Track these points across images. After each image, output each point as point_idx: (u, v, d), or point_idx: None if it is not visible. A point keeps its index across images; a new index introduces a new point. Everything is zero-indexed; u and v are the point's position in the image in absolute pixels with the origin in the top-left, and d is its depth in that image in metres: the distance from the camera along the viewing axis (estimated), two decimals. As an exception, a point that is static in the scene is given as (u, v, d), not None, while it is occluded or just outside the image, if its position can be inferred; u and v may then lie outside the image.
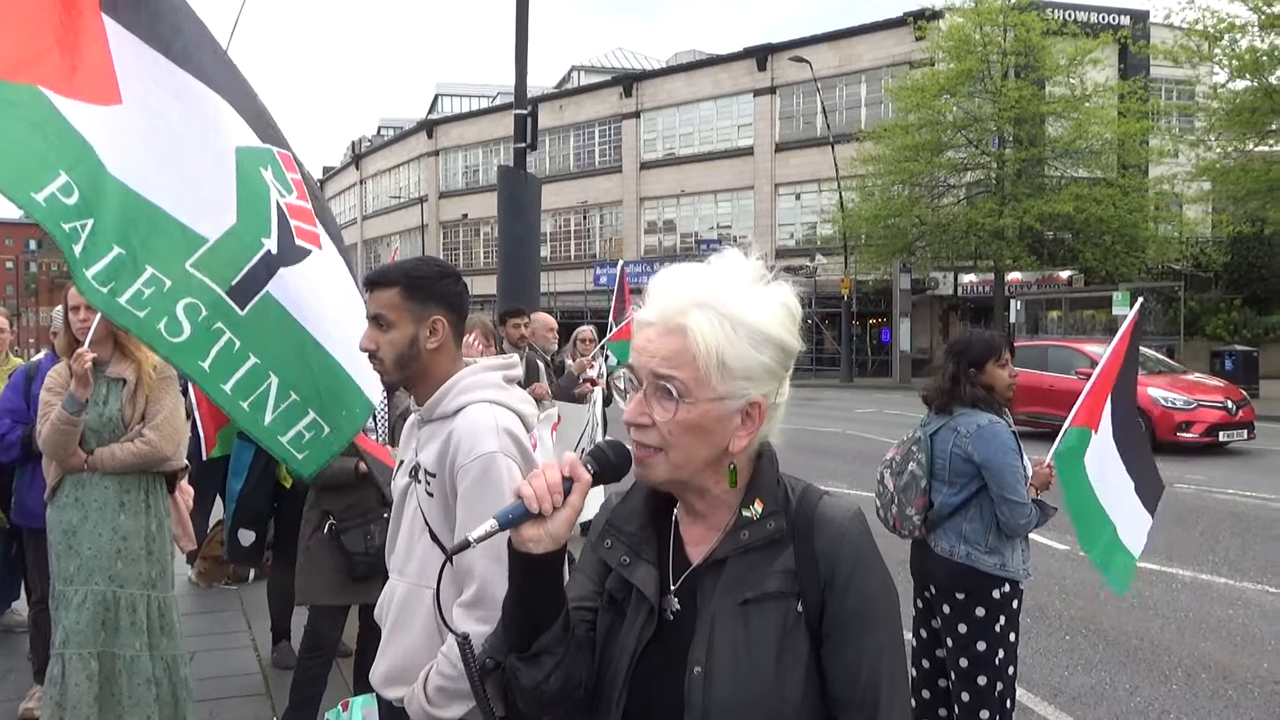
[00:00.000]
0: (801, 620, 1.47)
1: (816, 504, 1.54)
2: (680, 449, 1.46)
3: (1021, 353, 17.12)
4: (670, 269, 1.52)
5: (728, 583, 1.49)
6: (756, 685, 1.44)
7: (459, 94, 70.28)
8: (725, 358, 1.43)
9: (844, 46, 39.58)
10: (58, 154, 2.90)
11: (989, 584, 3.81)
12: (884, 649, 1.47)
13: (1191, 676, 5.76)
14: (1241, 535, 9.28)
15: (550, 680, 1.47)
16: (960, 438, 3.84)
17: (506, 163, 11.00)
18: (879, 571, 1.51)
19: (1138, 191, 30.53)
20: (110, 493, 4.02)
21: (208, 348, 3.12)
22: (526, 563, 1.42)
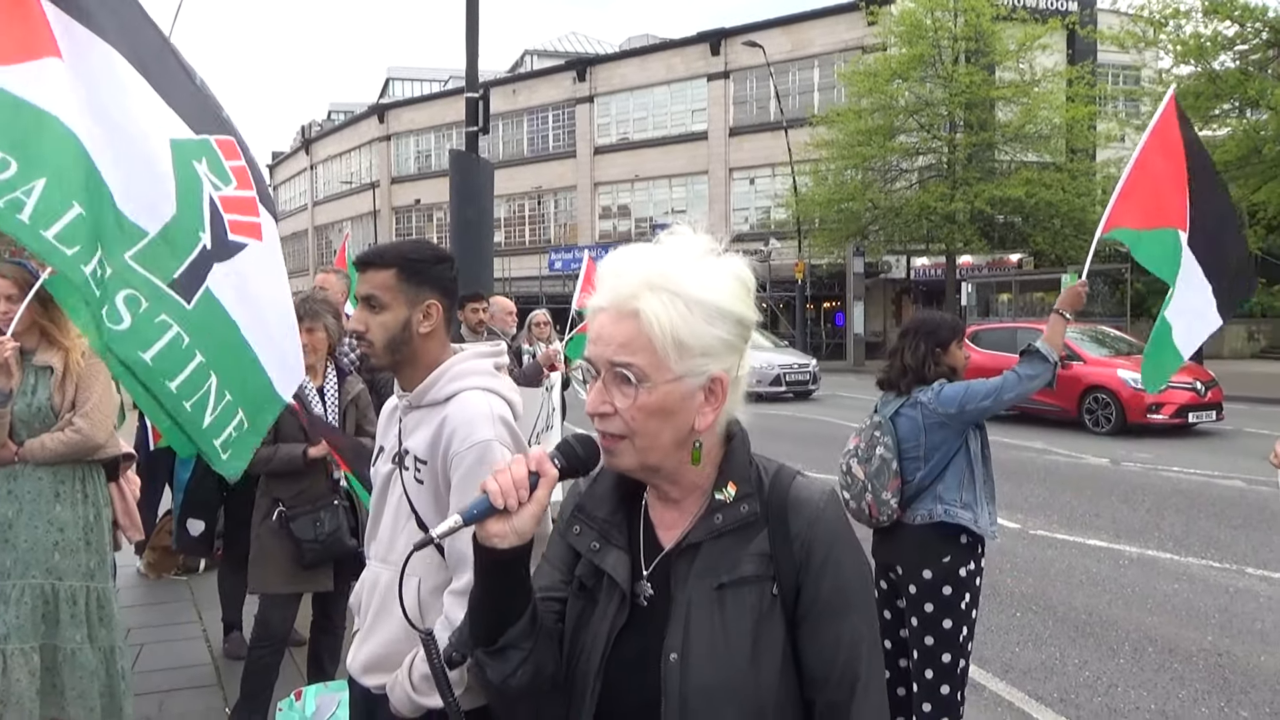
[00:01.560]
0: (777, 603, 1.46)
1: (790, 485, 1.52)
2: (645, 434, 1.44)
3: (989, 335, 17.34)
4: (618, 251, 1.49)
5: (702, 567, 1.47)
6: (734, 670, 1.43)
7: (410, 78, 69.57)
8: (681, 337, 1.41)
9: (797, 31, 39.67)
10: None
11: (958, 559, 3.85)
12: (860, 629, 1.47)
13: (1138, 650, 5.88)
14: (1186, 511, 9.47)
15: (518, 674, 1.46)
16: (927, 408, 3.88)
17: (459, 147, 10.89)
18: (854, 553, 1.51)
19: (1086, 176, 30.98)
20: (44, 484, 3.91)
21: (151, 339, 3.02)
22: (491, 558, 1.40)
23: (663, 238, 1.51)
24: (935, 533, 3.87)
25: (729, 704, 1.42)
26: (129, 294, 2.96)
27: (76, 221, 2.83)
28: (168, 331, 3.04)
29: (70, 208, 2.83)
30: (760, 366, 21.33)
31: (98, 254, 2.89)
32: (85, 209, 2.86)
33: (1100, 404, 15.17)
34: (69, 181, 2.85)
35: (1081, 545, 8.31)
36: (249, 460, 3.41)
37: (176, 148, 3.15)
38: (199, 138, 3.23)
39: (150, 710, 4.77)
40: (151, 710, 4.77)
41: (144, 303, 3.00)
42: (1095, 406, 15.23)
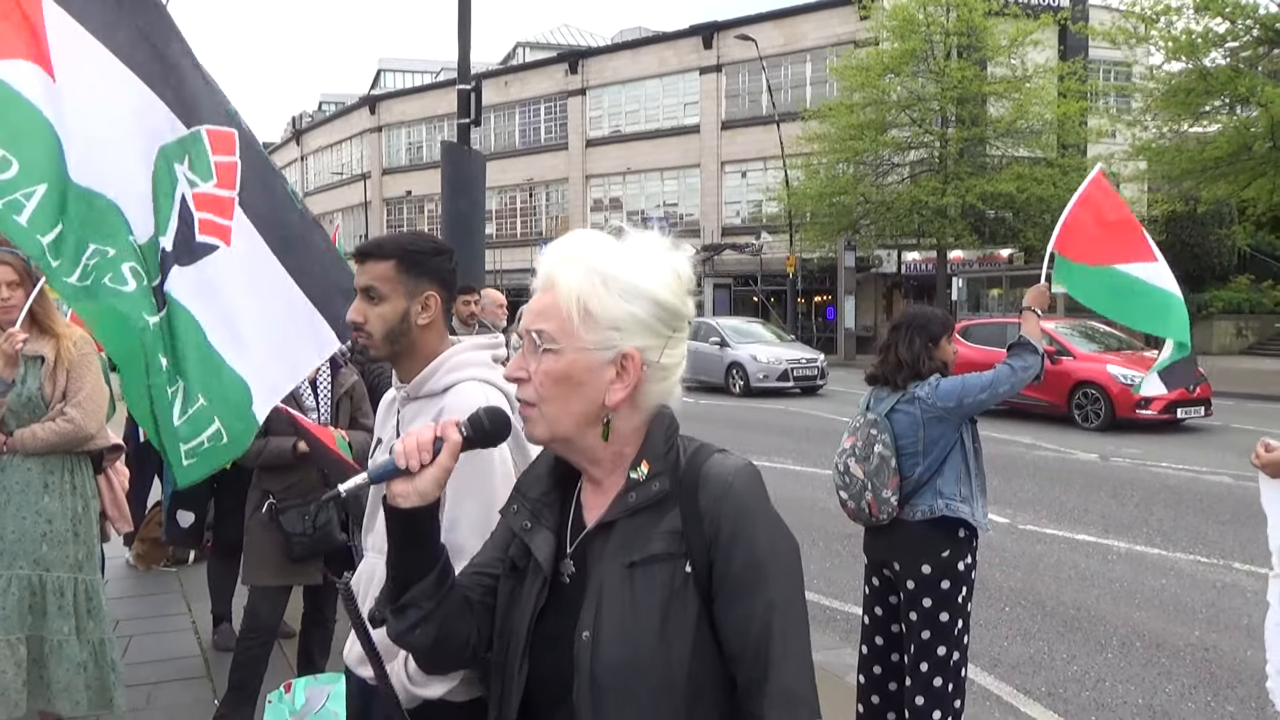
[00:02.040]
0: (690, 580, 1.47)
1: (704, 462, 1.52)
2: (553, 401, 1.49)
3: (979, 330, 17.36)
4: (563, 236, 1.57)
5: (615, 546, 1.50)
6: (643, 648, 1.44)
7: (402, 69, 69.38)
8: (589, 305, 1.46)
9: (789, 25, 39.64)
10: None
11: (956, 553, 3.87)
12: (775, 604, 1.45)
13: (1126, 645, 5.90)
14: (1174, 507, 9.51)
15: (415, 633, 1.54)
16: (925, 403, 3.87)
17: (450, 139, 10.86)
18: (767, 525, 1.50)
19: (1077, 171, 30.97)
20: (33, 475, 3.89)
21: (154, 308, 3.03)
22: (396, 516, 1.49)
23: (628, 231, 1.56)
24: (933, 528, 3.87)
25: (639, 680, 1.44)
26: (133, 266, 2.98)
27: (58, 237, 2.86)
28: (162, 309, 3.05)
29: (56, 225, 2.86)
30: (768, 361, 21.35)
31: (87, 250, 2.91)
32: (65, 225, 2.88)
33: (1089, 399, 15.22)
34: (61, 193, 2.86)
35: (1070, 540, 8.35)
36: (207, 474, 3.31)
37: (161, 154, 3.12)
38: (190, 131, 3.18)
39: (139, 701, 4.76)
40: (140, 701, 4.76)
41: (144, 278, 3.01)
42: (1085, 402, 15.28)
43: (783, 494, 10.39)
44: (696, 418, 17.54)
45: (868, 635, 4.17)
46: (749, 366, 21.42)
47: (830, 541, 8.35)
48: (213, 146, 3.22)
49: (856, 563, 7.39)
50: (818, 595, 6.95)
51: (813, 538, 8.55)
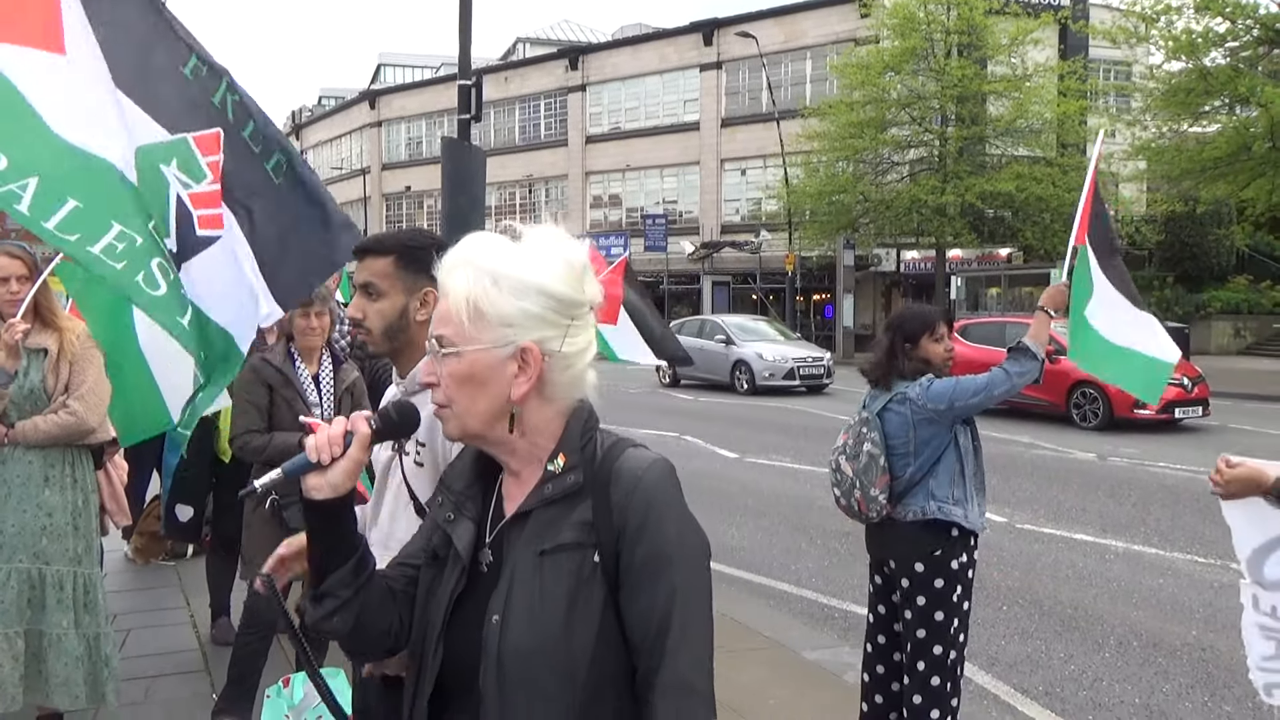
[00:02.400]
0: (598, 571, 1.50)
1: (619, 457, 1.56)
2: (461, 401, 1.54)
3: (978, 329, 17.31)
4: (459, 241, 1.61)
5: (529, 535, 1.54)
6: (546, 633, 1.48)
7: (402, 64, 69.25)
8: (480, 305, 1.50)
9: (789, 22, 39.62)
10: None
11: (950, 551, 3.86)
12: (676, 593, 1.48)
13: (1123, 644, 5.91)
14: (1172, 507, 9.53)
15: (333, 620, 1.59)
16: (916, 404, 3.86)
17: (450, 134, 10.86)
18: (675, 518, 1.53)
19: (1076, 170, 31.02)
20: (34, 468, 3.88)
21: (185, 307, 3.06)
22: (311, 508, 1.55)
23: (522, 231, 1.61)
24: (925, 528, 3.86)
25: (542, 665, 1.48)
26: (160, 263, 2.99)
27: (73, 214, 2.85)
28: (189, 309, 3.09)
29: (65, 202, 2.84)
30: (774, 359, 21.24)
31: (113, 229, 2.89)
32: (82, 201, 2.86)
33: (1088, 399, 15.22)
34: (61, 177, 2.85)
35: (1068, 540, 8.36)
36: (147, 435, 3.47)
37: (142, 154, 3.14)
38: (175, 137, 3.22)
39: (137, 695, 4.76)
40: (138, 695, 4.76)
41: (171, 273, 3.03)
42: (1083, 401, 15.29)
43: (780, 492, 10.41)
44: (695, 415, 17.56)
45: (871, 633, 4.17)
46: (755, 365, 21.30)
47: (828, 539, 8.36)
48: (201, 149, 3.25)
49: (854, 561, 7.42)
50: (815, 593, 6.96)
51: (810, 536, 8.56)
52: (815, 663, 5.39)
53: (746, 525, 9.05)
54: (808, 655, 5.50)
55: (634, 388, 21.32)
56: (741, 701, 4.85)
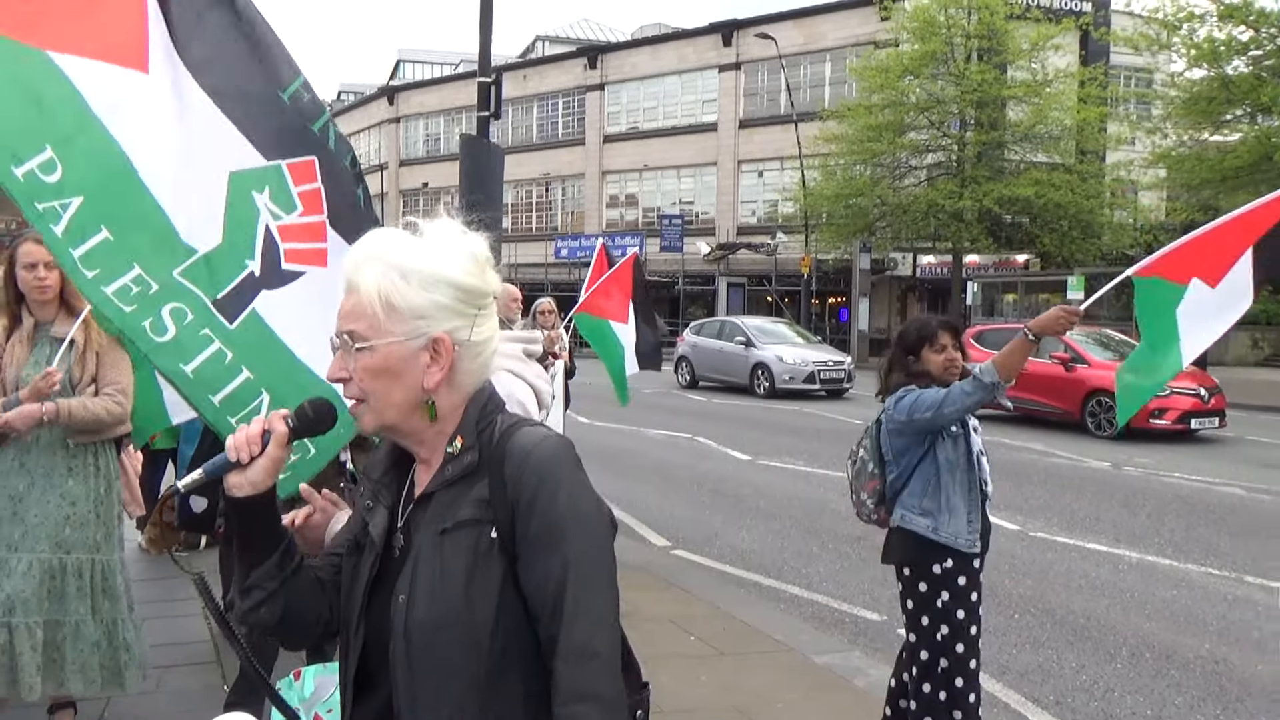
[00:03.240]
0: (496, 545, 1.54)
1: (514, 435, 1.60)
2: (376, 394, 1.58)
3: (993, 335, 17.18)
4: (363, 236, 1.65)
5: (431, 516, 1.59)
6: (448, 607, 1.53)
7: (421, 60, 69.38)
8: (391, 299, 1.54)
9: (809, 25, 39.56)
10: (49, 125, 2.75)
11: (929, 555, 3.87)
12: (570, 562, 1.51)
13: (1136, 655, 5.88)
14: (1186, 518, 9.46)
15: (260, 611, 1.67)
16: (887, 414, 3.98)
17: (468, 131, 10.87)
18: (567, 489, 1.55)
19: (1095, 178, 30.93)
20: (58, 458, 3.91)
21: (193, 353, 3.00)
22: (234, 506, 1.62)
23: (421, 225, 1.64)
24: (905, 534, 3.96)
25: (446, 639, 1.53)
26: (175, 307, 2.95)
27: (102, 246, 2.83)
28: (210, 346, 3.01)
29: (98, 232, 2.82)
30: (794, 363, 21.12)
31: (130, 273, 2.87)
32: (114, 235, 2.85)
33: (1103, 407, 15.11)
34: (104, 205, 2.83)
35: (1081, 549, 8.31)
36: (296, 488, 3.34)
37: (235, 179, 3.10)
38: (269, 164, 3.15)
39: (148, 685, 4.77)
40: (149, 685, 4.77)
41: (189, 315, 2.98)
42: (1098, 410, 15.18)
43: (792, 495, 10.39)
44: (708, 416, 17.54)
45: (905, 638, 4.17)
46: (775, 368, 21.17)
47: (840, 544, 8.34)
48: (294, 179, 3.17)
49: (866, 565, 7.40)
50: (826, 597, 6.94)
51: (822, 540, 8.54)
52: (825, 667, 5.38)
53: (758, 528, 9.03)
54: (818, 659, 5.48)
55: (648, 388, 21.31)
56: (750, 704, 4.85)
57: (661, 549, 8.24)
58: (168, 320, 2.95)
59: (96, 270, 2.83)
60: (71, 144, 2.78)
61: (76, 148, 2.79)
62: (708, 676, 5.21)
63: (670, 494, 10.57)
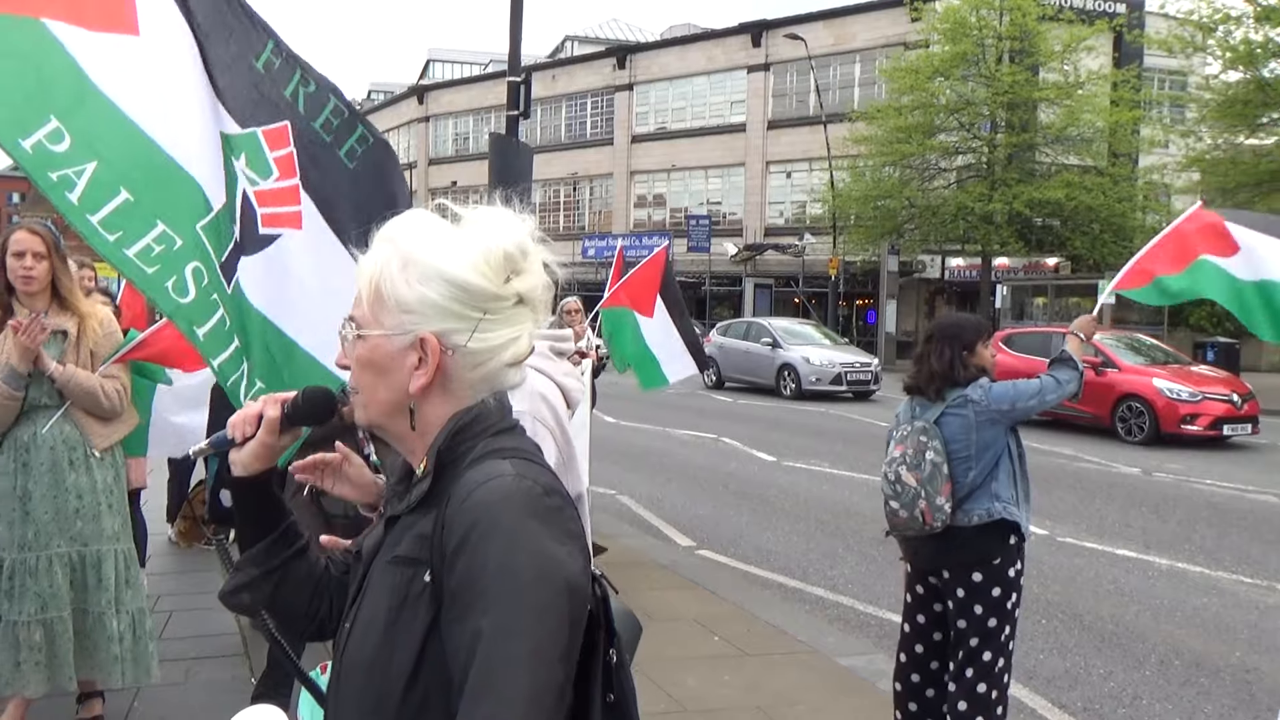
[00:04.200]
0: (427, 592, 1.34)
1: (475, 467, 1.39)
2: (365, 388, 1.46)
3: (1022, 339, 17.10)
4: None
5: (389, 542, 1.45)
6: (369, 650, 1.38)
7: (451, 60, 69.67)
8: (380, 287, 1.41)
9: (839, 25, 39.40)
10: (50, 96, 2.76)
11: (1009, 556, 3.88)
12: (481, 633, 1.26)
13: (1165, 663, 5.82)
14: (1218, 525, 9.36)
15: (241, 596, 1.60)
16: (979, 405, 3.87)
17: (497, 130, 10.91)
18: (503, 542, 1.29)
19: (1128, 181, 30.62)
20: (57, 453, 3.92)
21: (207, 316, 3.00)
22: (231, 483, 1.58)
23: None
24: (985, 533, 3.86)
25: (360, 682, 1.39)
26: (196, 267, 2.95)
27: (123, 207, 2.83)
28: (216, 312, 3.03)
29: (118, 194, 2.82)
30: (820, 364, 21.05)
31: (154, 230, 2.88)
32: (135, 195, 2.85)
33: (1134, 413, 14.98)
34: (119, 167, 2.84)
35: (1110, 555, 8.24)
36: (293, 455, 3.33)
37: (225, 140, 3.15)
38: (245, 131, 3.19)
39: (177, 676, 4.83)
40: (178, 676, 4.84)
41: (205, 277, 2.99)
42: (1128, 415, 15.04)
43: (817, 496, 10.36)
44: (734, 417, 17.52)
45: (907, 643, 4.14)
46: (801, 369, 21.10)
47: (865, 547, 8.30)
48: (269, 144, 3.21)
49: (891, 568, 7.36)
50: (851, 599, 6.92)
51: (847, 543, 8.51)
52: (849, 669, 5.36)
53: (782, 529, 9.01)
54: (842, 661, 5.47)
55: (674, 388, 21.30)
56: (773, 706, 4.84)
57: (686, 549, 8.24)
58: (189, 281, 2.93)
59: (119, 233, 2.81)
60: (75, 112, 2.78)
61: (81, 115, 2.79)
62: (731, 677, 5.20)
63: (695, 494, 10.56)
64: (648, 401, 19.19)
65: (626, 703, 1.47)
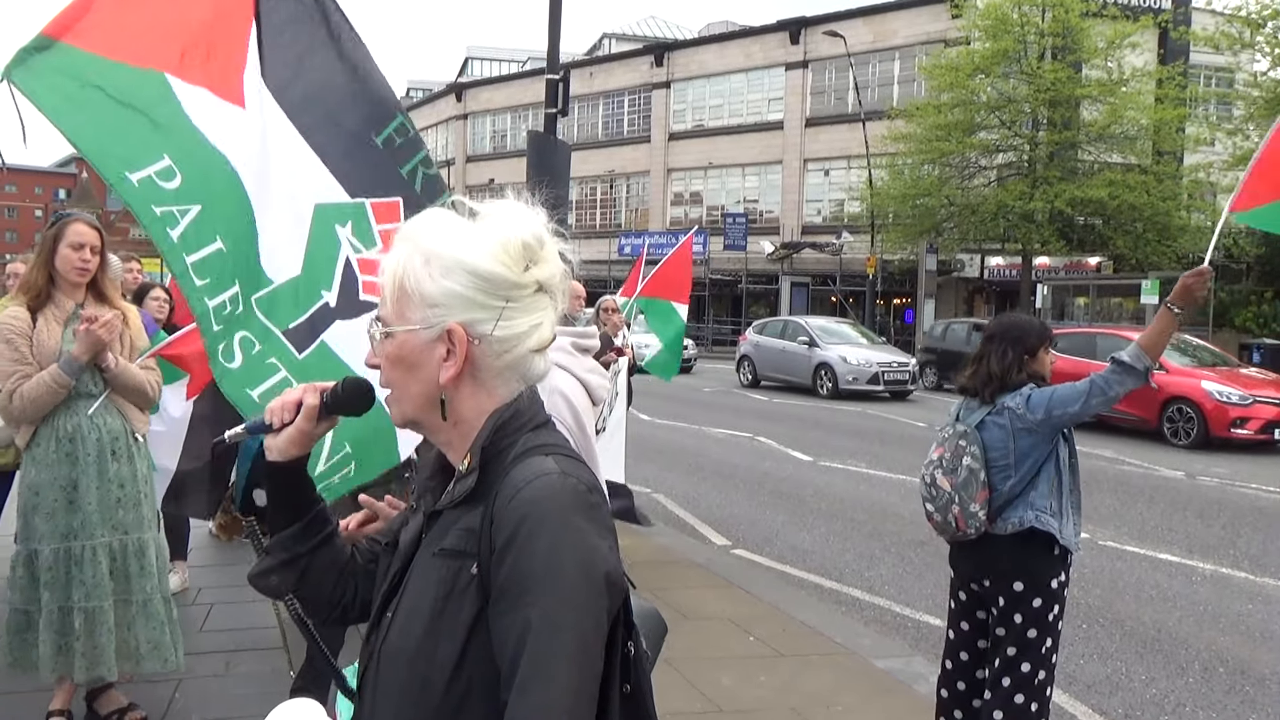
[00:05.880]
0: (474, 584, 1.38)
1: (518, 463, 1.43)
2: (396, 385, 1.50)
3: (1066, 339, 16.81)
4: None
5: (433, 535, 1.48)
6: (413, 640, 1.41)
7: (489, 58, 70.01)
8: (405, 283, 1.45)
9: (879, 22, 39.15)
10: (165, 139, 2.86)
11: (1051, 567, 3.80)
12: (532, 624, 1.31)
13: (1209, 670, 5.72)
14: (1264, 530, 9.19)
15: (270, 579, 1.64)
16: (1015, 414, 3.77)
17: (535, 128, 10.95)
18: (550, 537, 1.35)
19: (1172, 179, 30.14)
20: (104, 442, 3.99)
21: (259, 379, 3.06)
22: (266, 468, 1.60)
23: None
24: (1024, 543, 3.77)
25: (402, 672, 1.42)
26: (244, 336, 3.02)
27: (215, 256, 2.91)
28: (276, 374, 3.07)
29: (214, 241, 2.91)
30: (857, 364, 20.96)
31: (231, 290, 2.95)
32: (227, 246, 2.93)
33: (1182, 416, 14.71)
34: (220, 215, 2.92)
35: (1153, 559, 8.12)
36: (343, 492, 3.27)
37: (319, 211, 3.19)
38: (353, 201, 3.23)
39: (218, 668, 4.89)
40: (219, 668, 4.89)
41: (257, 345, 3.05)
42: (1176, 418, 14.78)
43: (854, 497, 10.30)
44: (770, 416, 17.46)
45: (952, 650, 4.08)
46: (838, 368, 21.00)
47: (903, 549, 8.24)
48: (376, 217, 3.26)
49: (928, 571, 7.31)
50: (888, 601, 6.87)
51: (884, 544, 8.45)
52: (886, 671, 5.32)
53: (818, 529, 8.97)
54: (878, 663, 5.42)
55: (709, 386, 21.28)
56: (808, 707, 4.81)
57: (722, 548, 8.22)
58: (236, 348, 3.02)
59: (206, 280, 2.91)
60: (190, 156, 2.90)
61: (194, 159, 2.91)
62: (766, 677, 5.18)
63: (731, 493, 10.54)
64: (683, 400, 19.18)
65: (643, 694, 1.50)
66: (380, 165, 3.30)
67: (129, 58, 2.87)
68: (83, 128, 2.80)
